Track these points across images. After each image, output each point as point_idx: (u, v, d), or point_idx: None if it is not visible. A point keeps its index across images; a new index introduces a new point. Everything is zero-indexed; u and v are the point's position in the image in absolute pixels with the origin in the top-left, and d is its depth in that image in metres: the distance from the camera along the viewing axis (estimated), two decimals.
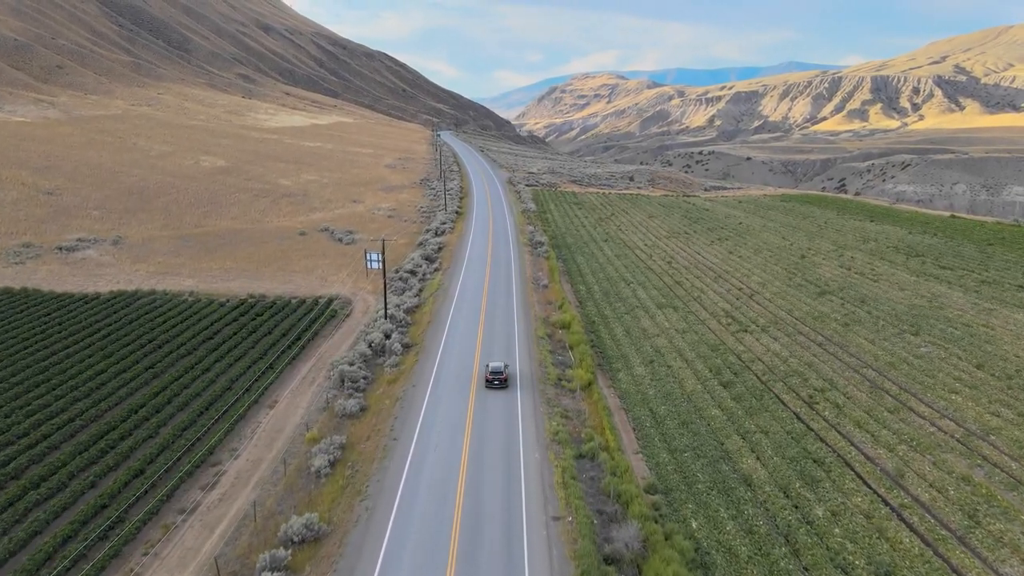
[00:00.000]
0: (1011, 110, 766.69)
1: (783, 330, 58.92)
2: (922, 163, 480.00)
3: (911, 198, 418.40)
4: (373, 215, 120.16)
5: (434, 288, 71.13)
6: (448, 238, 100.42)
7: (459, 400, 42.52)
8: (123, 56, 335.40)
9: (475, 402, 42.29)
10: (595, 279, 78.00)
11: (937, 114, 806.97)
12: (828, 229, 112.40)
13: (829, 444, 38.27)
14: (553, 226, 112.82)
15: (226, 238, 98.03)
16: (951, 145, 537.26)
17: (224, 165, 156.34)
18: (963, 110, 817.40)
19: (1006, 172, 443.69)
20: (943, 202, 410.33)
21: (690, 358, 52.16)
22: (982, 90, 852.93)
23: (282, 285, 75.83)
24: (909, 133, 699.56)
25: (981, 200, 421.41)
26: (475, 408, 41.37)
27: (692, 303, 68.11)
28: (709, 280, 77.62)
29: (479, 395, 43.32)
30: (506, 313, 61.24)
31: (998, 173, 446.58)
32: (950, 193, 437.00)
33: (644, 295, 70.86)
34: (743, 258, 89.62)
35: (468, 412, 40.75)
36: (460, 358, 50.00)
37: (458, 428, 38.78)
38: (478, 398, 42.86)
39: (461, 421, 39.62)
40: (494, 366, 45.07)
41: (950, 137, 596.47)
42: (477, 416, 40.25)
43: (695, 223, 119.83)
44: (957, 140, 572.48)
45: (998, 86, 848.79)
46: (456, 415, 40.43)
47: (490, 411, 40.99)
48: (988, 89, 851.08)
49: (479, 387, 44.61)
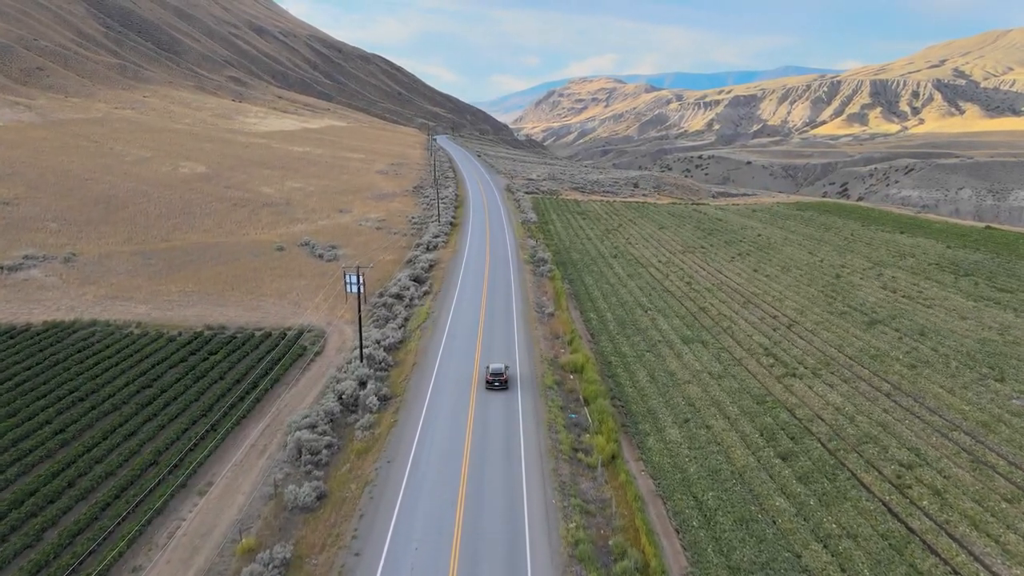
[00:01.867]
0: (1011, 114, 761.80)
1: (838, 374, 49.12)
2: (926, 167, 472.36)
3: (916, 203, 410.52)
4: (360, 227, 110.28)
5: (422, 318, 61.21)
6: (441, 254, 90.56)
7: (447, 486, 32.64)
8: (109, 58, 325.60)
9: (467, 487, 32.43)
10: (607, 304, 68.13)
11: (937, 118, 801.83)
12: (857, 242, 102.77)
13: (942, 556, 28.41)
14: (556, 239, 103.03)
15: (194, 254, 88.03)
16: (953, 149, 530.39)
17: (204, 171, 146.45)
18: (963, 114, 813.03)
19: (1012, 176, 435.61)
20: (948, 207, 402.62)
21: (733, 415, 42.29)
22: (982, 94, 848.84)
23: (248, 313, 65.82)
24: (910, 137, 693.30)
25: (987, 205, 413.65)
26: (467, 498, 31.50)
27: (722, 336, 58.29)
28: (737, 305, 67.80)
29: (473, 476, 33.47)
30: (506, 352, 51.35)
31: (1004, 177, 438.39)
32: (955, 198, 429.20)
33: (666, 325, 61.01)
34: (771, 277, 79.85)
35: (458, 506, 30.87)
36: (450, 419, 40.12)
37: (445, 533, 28.91)
38: (471, 481, 33.00)
39: (448, 522, 29.73)
40: (495, 368, 44.55)
41: (952, 141, 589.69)
42: (469, 514, 30.35)
43: (710, 235, 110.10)
44: (959, 144, 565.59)
45: (998, 90, 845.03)
46: (442, 512, 30.53)
47: (488, 506, 31.11)
48: (988, 93, 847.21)
49: (473, 463, 34.76)
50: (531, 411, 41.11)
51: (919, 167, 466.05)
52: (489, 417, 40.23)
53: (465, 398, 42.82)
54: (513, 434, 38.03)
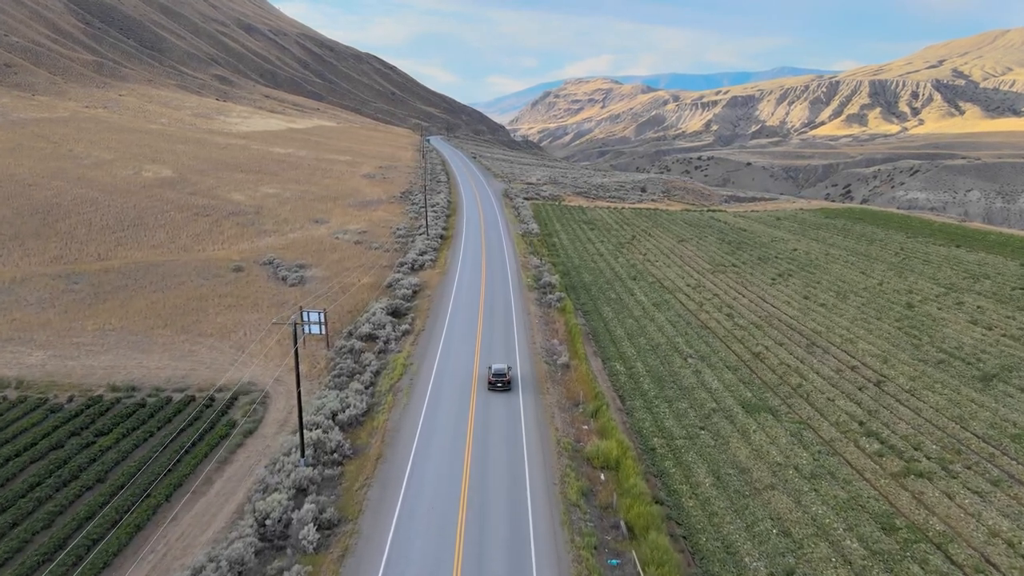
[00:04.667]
0: (1012, 114, 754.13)
1: (978, 469, 34.75)
2: (933, 169, 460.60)
3: (923, 205, 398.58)
4: (336, 240, 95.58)
5: (397, 373, 46.52)
6: (427, 275, 75.95)
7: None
8: (86, 55, 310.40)
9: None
10: (635, 347, 53.64)
11: (937, 118, 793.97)
12: (911, 259, 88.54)
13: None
14: (563, 255, 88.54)
15: (131, 277, 73.18)
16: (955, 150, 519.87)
17: (169, 176, 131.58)
18: (963, 115, 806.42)
19: (1021, 179, 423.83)
20: (957, 210, 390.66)
21: (853, 552, 27.84)
22: (981, 94, 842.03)
23: (174, 362, 51.08)
24: (911, 138, 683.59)
25: (997, 208, 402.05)
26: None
27: (795, 400, 43.86)
28: (799, 349, 53.37)
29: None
30: (510, 437, 36.82)
31: (1014, 179, 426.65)
32: (964, 200, 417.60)
33: (716, 382, 46.56)
34: (829, 307, 65.45)
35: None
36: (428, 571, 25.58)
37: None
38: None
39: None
40: (497, 368, 43.54)
41: (954, 142, 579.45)
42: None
43: (738, 250, 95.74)
44: (962, 145, 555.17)
45: (997, 90, 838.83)
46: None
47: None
48: (987, 93, 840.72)
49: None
50: (551, 560, 26.53)
51: (925, 168, 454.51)
52: (487, 571, 25.70)
53: (450, 529, 28.24)
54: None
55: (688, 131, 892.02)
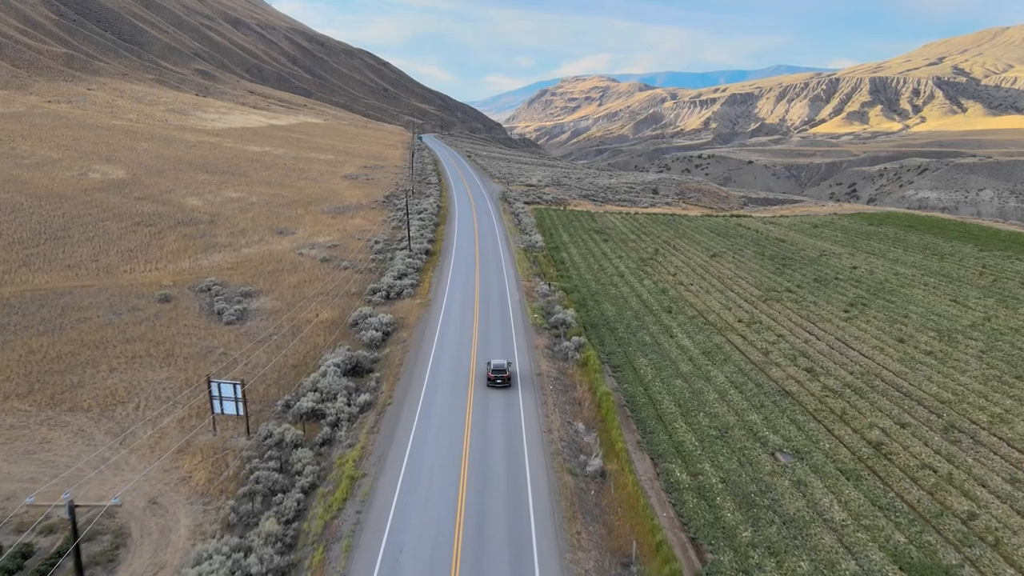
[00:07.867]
0: (1015, 112, 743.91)
1: None
2: (942, 167, 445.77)
3: (934, 205, 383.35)
4: (299, 258, 78.56)
5: (340, 496, 29.59)
6: (406, 308, 59.00)
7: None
8: (56, 47, 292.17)
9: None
10: (696, 435, 36.89)
11: (939, 116, 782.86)
12: (1004, 280, 72.03)
13: None
14: (576, 278, 71.67)
15: (20, 310, 56.06)
16: (960, 148, 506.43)
17: (120, 177, 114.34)
18: (965, 112, 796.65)
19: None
20: (969, 209, 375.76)
21: None
22: (983, 91, 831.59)
23: (8, 465, 34.05)
24: (914, 135, 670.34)
25: (1011, 207, 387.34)
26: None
27: (980, 551, 27.26)
28: (933, 433, 36.73)
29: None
30: None
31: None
32: (976, 200, 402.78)
33: (835, 508, 29.87)
34: (938, 357, 48.79)
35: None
36: None
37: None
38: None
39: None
40: (496, 363, 39.79)
41: (958, 140, 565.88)
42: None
43: (786, 268, 79.06)
44: (966, 143, 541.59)
45: (999, 87, 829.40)
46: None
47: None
48: (989, 91, 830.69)
49: None
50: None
51: (934, 167, 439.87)
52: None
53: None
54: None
55: (687, 129, 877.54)
